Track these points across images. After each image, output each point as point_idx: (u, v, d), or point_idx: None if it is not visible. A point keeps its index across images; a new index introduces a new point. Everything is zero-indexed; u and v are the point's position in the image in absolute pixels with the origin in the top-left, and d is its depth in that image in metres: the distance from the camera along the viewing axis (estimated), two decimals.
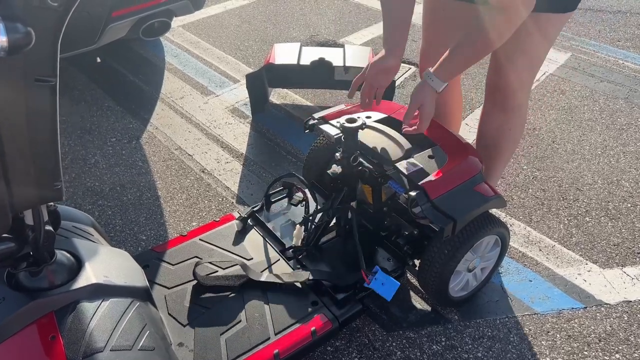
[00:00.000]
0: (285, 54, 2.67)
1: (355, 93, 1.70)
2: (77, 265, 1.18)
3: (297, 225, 1.66)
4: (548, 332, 1.72)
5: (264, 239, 1.70)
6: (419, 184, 1.49)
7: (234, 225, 1.74)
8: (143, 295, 1.24)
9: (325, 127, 1.72)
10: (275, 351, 1.35)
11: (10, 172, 0.95)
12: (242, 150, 2.50)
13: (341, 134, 1.62)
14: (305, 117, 2.75)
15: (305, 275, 1.53)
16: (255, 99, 2.71)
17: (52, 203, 1.13)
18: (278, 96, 2.95)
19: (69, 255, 1.20)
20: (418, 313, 1.75)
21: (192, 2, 2.79)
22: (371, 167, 1.63)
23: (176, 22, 3.65)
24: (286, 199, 1.85)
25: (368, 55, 2.70)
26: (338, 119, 1.57)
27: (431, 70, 1.50)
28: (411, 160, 1.58)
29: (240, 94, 2.94)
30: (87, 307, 1.12)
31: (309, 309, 1.48)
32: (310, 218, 1.65)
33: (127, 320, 1.13)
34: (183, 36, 3.57)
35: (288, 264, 1.61)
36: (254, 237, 1.71)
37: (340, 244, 1.70)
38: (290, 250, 1.64)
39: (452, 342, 1.67)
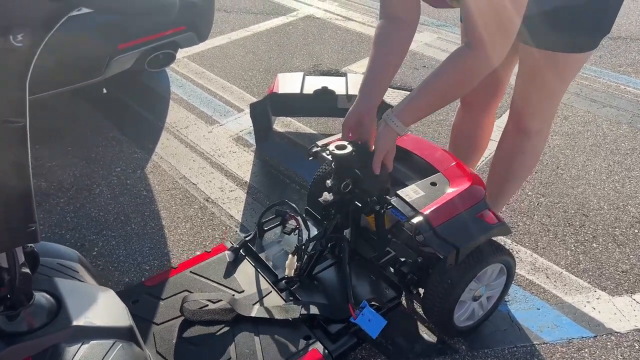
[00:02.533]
0: (288, 83, 2.70)
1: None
2: (57, 307, 1.14)
3: (290, 255, 1.64)
4: None
5: (256, 269, 1.67)
6: (421, 211, 1.48)
7: (225, 256, 1.71)
8: (127, 335, 1.20)
9: (327, 155, 1.73)
10: None
11: None
12: (246, 179, 2.51)
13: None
14: (309, 145, 2.76)
15: (297, 310, 1.49)
16: (259, 127, 2.73)
17: (28, 245, 1.10)
18: (282, 124, 2.97)
19: (48, 296, 1.16)
20: (424, 343, 1.72)
21: (196, 34, 2.83)
22: (362, 195, 1.60)
23: (181, 53, 3.71)
24: (279, 227, 1.83)
25: None
26: (329, 147, 1.54)
27: (393, 112, 1.45)
28: (413, 187, 1.57)
29: (244, 122, 2.96)
30: (66, 351, 1.08)
31: (302, 344, 1.43)
32: (303, 247, 1.62)
33: None
34: (188, 67, 3.62)
35: (280, 295, 1.58)
36: (246, 268, 1.68)
37: (334, 273, 1.67)
38: (283, 282, 1.62)
39: None
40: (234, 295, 1.57)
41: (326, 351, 1.42)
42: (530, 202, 2.42)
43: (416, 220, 1.46)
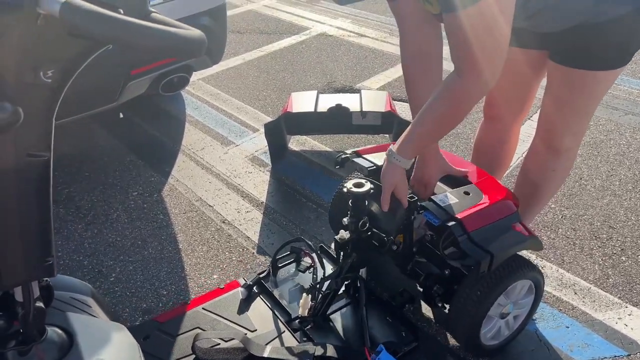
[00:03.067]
0: (302, 102, 2.69)
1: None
2: (69, 342, 1.12)
3: (304, 294, 1.61)
4: None
5: (270, 308, 1.64)
6: (456, 216, 1.46)
7: (238, 293, 1.69)
8: None
9: (358, 160, 1.72)
10: None
11: None
12: (262, 199, 2.49)
13: (374, 167, 1.65)
14: (325, 163, 2.74)
15: (311, 351, 1.45)
16: (274, 147, 2.72)
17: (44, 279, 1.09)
18: (297, 143, 2.96)
19: (60, 331, 1.14)
20: None
21: (210, 57, 2.85)
22: (379, 233, 1.61)
23: (196, 75, 3.74)
24: (294, 264, 1.80)
25: (385, 99, 2.70)
26: (345, 183, 1.54)
27: (394, 149, 1.47)
28: (447, 194, 1.56)
29: (259, 142, 2.96)
30: None
31: None
32: (318, 286, 1.59)
33: None
34: (203, 89, 3.64)
35: (294, 336, 1.54)
36: (259, 306, 1.65)
37: (349, 314, 1.63)
38: (297, 321, 1.58)
39: None
40: (246, 334, 1.54)
41: None
42: (555, 215, 2.35)
43: (450, 223, 1.44)
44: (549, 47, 1.62)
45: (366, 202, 1.55)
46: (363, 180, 1.53)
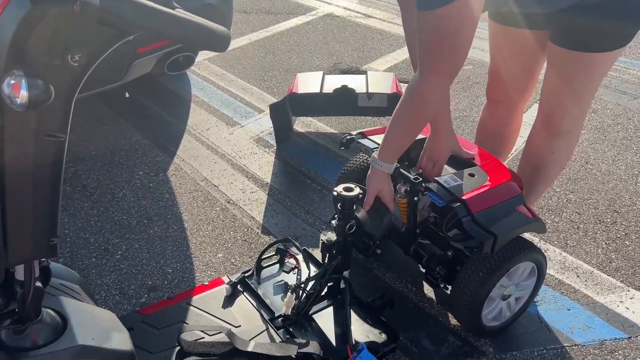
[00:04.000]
0: (308, 83, 2.68)
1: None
2: (63, 325, 1.13)
3: (288, 293, 1.62)
4: None
5: (254, 305, 1.65)
6: (460, 197, 1.47)
7: (223, 290, 1.70)
8: (127, 359, 1.19)
9: (363, 141, 1.75)
10: None
11: (8, 225, 0.94)
12: (267, 180, 2.50)
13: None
14: (330, 145, 2.74)
15: (294, 347, 1.47)
16: (280, 128, 2.72)
17: (44, 259, 1.11)
18: (302, 125, 2.96)
19: (54, 314, 1.15)
20: (451, 346, 1.68)
21: None
22: (365, 237, 1.66)
23: (201, 55, 3.73)
24: (278, 265, 1.82)
25: (391, 81, 2.69)
26: (336, 187, 1.56)
27: (375, 156, 1.55)
28: (452, 175, 1.57)
29: (265, 123, 2.96)
30: None
31: None
32: (302, 286, 1.61)
33: None
34: (209, 69, 3.63)
35: (277, 333, 1.55)
36: (243, 303, 1.66)
37: (330, 314, 1.65)
38: (280, 319, 1.60)
39: None
40: (230, 329, 1.55)
41: None
42: (559, 199, 2.35)
43: (455, 205, 1.45)
44: (550, 28, 1.61)
45: (354, 206, 1.58)
46: (353, 185, 1.54)
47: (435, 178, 1.55)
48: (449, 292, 1.63)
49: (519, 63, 1.81)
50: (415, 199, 1.61)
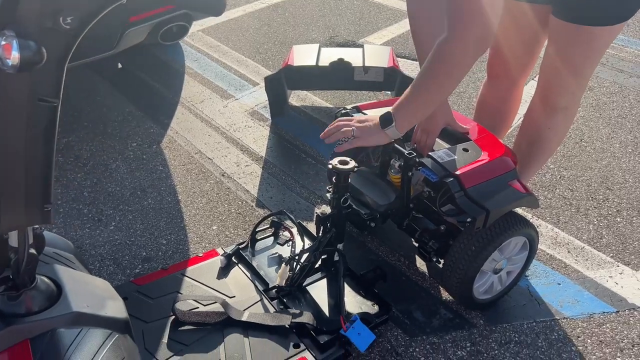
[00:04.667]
0: (303, 55, 2.65)
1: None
2: (57, 292, 1.14)
3: (283, 265, 1.63)
4: (578, 337, 1.65)
5: (248, 277, 1.66)
6: (453, 172, 1.47)
7: (217, 262, 1.70)
8: (123, 327, 1.19)
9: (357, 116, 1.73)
10: None
11: (1, 190, 0.94)
12: (261, 154, 2.49)
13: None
14: (325, 120, 2.73)
15: (288, 317, 1.49)
16: (275, 101, 2.69)
17: (38, 226, 1.10)
18: (297, 98, 2.93)
19: (49, 281, 1.16)
20: (442, 318, 1.70)
21: (212, 8, 2.78)
22: (361, 210, 1.65)
23: (196, 26, 3.67)
24: (272, 238, 1.82)
25: (388, 54, 2.66)
26: (331, 160, 1.55)
27: (392, 119, 1.45)
28: (445, 150, 1.57)
29: (259, 96, 2.93)
30: (65, 336, 1.07)
31: (291, 351, 1.42)
32: (296, 258, 1.62)
33: (105, 352, 1.08)
34: (203, 40, 3.58)
35: (271, 303, 1.57)
36: (237, 275, 1.67)
37: (323, 286, 1.66)
38: (274, 290, 1.61)
39: (478, 347, 1.62)
40: (225, 299, 1.56)
41: None
42: (553, 176, 2.36)
43: (448, 180, 1.46)
44: (552, 2, 1.60)
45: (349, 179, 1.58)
46: (348, 159, 1.54)
47: (429, 153, 1.55)
48: (441, 265, 1.65)
49: (521, 38, 1.80)
50: (409, 174, 1.61)
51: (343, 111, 1.79)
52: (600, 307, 1.75)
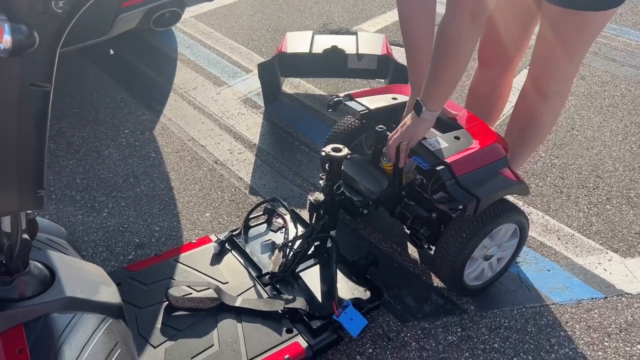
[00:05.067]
0: (297, 42, 2.64)
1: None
2: (51, 278, 1.15)
3: (276, 252, 1.64)
4: (567, 322, 1.68)
5: (241, 263, 1.67)
6: (444, 160, 1.49)
7: (211, 248, 1.71)
8: (116, 312, 1.20)
9: (350, 104, 1.75)
10: None
11: None
12: (254, 141, 2.48)
13: (365, 111, 1.71)
14: (319, 107, 2.73)
15: (281, 303, 1.50)
16: (268, 88, 2.69)
17: (31, 211, 1.10)
18: (291, 86, 2.93)
19: (42, 266, 1.16)
20: (433, 303, 1.73)
21: None
22: (353, 197, 1.67)
23: (188, 12, 3.64)
24: (265, 225, 1.83)
25: (382, 42, 2.65)
26: (325, 148, 1.57)
27: (423, 106, 1.50)
28: (437, 138, 1.58)
29: (252, 84, 2.92)
30: (58, 320, 1.08)
31: (284, 336, 1.44)
32: (289, 244, 1.63)
33: (99, 337, 1.09)
34: (195, 27, 3.55)
35: (264, 289, 1.58)
36: (230, 261, 1.68)
37: (316, 273, 1.67)
38: (267, 276, 1.62)
39: (468, 332, 1.64)
40: (218, 285, 1.57)
41: (307, 345, 1.43)
42: (544, 164, 2.38)
43: (439, 168, 1.47)
44: None
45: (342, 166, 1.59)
46: (341, 146, 1.54)
47: (421, 141, 1.56)
48: (432, 252, 1.66)
49: (514, 23, 1.81)
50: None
51: (336, 99, 1.79)
52: (588, 293, 1.78)
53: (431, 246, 1.68)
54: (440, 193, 1.61)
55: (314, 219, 1.66)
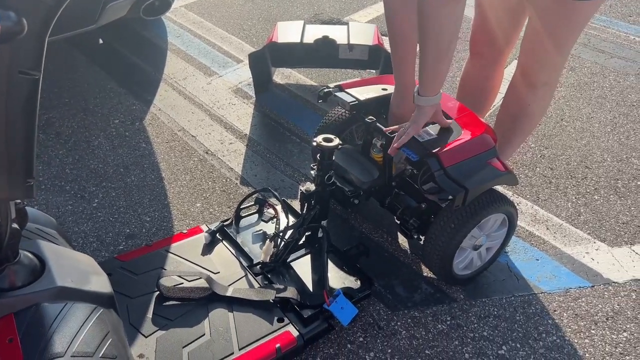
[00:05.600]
0: (288, 32, 2.63)
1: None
2: (41, 267, 1.14)
3: (267, 242, 1.64)
4: (555, 310, 1.70)
5: (232, 253, 1.67)
6: (433, 152, 1.49)
7: (202, 238, 1.71)
8: (107, 302, 1.20)
9: (340, 95, 1.75)
10: None
11: None
12: (245, 131, 2.48)
13: (355, 102, 1.71)
14: (310, 97, 2.72)
15: (272, 292, 1.51)
16: (259, 79, 2.68)
17: (20, 201, 1.10)
18: (282, 76, 2.92)
19: (32, 256, 1.16)
20: (423, 292, 1.74)
21: None
22: (345, 188, 1.67)
23: (179, 1, 3.61)
24: (257, 215, 1.83)
25: (373, 32, 2.65)
26: (316, 138, 1.57)
27: (418, 94, 1.51)
28: (426, 129, 1.59)
29: (243, 74, 2.91)
30: (49, 310, 1.08)
31: (275, 325, 1.45)
32: (281, 234, 1.63)
33: (90, 327, 1.09)
34: (186, 16, 3.52)
35: (255, 279, 1.58)
36: (222, 251, 1.68)
37: (307, 262, 1.68)
38: (259, 266, 1.63)
39: (458, 321, 1.66)
40: (209, 275, 1.57)
41: (298, 334, 1.44)
42: (533, 154, 2.40)
43: (428, 159, 1.48)
44: None
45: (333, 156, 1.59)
46: (332, 136, 1.54)
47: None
48: (422, 242, 1.68)
49: (505, 15, 1.81)
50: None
51: (326, 90, 1.79)
52: (576, 282, 1.80)
53: (421, 236, 1.70)
54: (430, 184, 1.62)
55: (305, 209, 1.66)
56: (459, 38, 3.27)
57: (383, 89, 1.81)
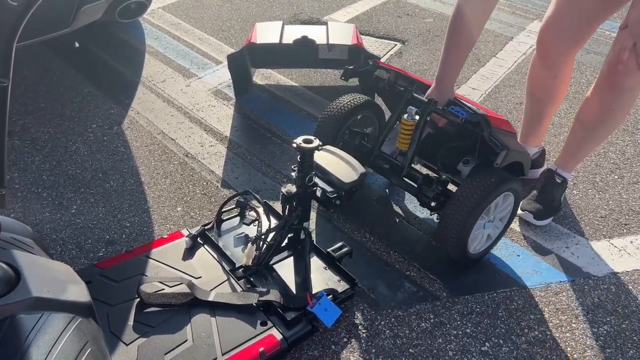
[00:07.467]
0: (267, 33, 2.61)
1: None
2: (16, 278, 1.12)
3: (249, 245, 1.63)
4: (536, 306, 1.72)
5: (214, 257, 1.66)
6: (482, 113, 1.63)
7: (182, 243, 1.69)
8: (85, 311, 1.18)
9: (379, 73, 1.90)
10: None
11: None
12: (226, 133, 2.46)
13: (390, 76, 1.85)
14: (290, 98, 2.71)
15: (254, 296, 1.50)
16: (238, 80, 2.66)
17: None
18: (262, 77, 2.90)
19: (6, 266, 1.13)
20: (406, 291, 1.74)
21: None
22: (327, 188, 1.70)
23: (156, 3, 3.57)
24: (238, 218, 1.82)
25: (352, 32, 2.65)
26: (296, 139, 1.57)
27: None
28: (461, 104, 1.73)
29: (223, 75, 2.89)
30: (25, 321, 1.05)
31: (258, 329, 1.44)
32: (263, 237, 1.63)
33: (68, 337, 1.07)
34: (163, 18, 3.49)
35: (238, 283, 1.57)
36: (203, 256, 1.67)
37: (290, 264, 1.68)
38: (241, 270, 1.62)
39: (441, 319, 1.66)
40: (191, 280, 1.56)
41: (282, 337, 1.43)
42: None
43: (480, 118, 1.61)
44: None
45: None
46: (312, 138, 1.54)
47: (450, 99, 1.72)
48: (436, 219, 1.75)
49: (579, 18, 1.79)
50: (428, 118, 1.75)
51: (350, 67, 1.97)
52: (557, 277, 1.82)
53: (439, 206, 1.75)
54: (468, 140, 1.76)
55: (286, 211, 1.65)
56: (437, 36, 3.27)
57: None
